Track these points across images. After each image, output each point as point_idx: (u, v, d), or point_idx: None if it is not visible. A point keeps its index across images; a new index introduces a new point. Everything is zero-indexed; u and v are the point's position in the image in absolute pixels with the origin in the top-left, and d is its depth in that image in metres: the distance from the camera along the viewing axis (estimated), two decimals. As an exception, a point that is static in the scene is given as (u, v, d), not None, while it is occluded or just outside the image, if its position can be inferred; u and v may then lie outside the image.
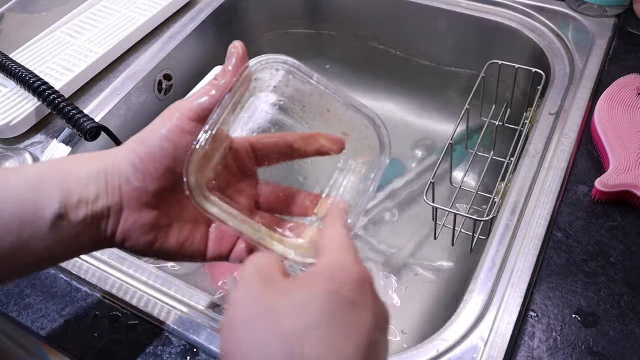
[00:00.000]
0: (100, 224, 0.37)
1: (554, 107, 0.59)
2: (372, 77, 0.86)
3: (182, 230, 0.39)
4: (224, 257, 0.41)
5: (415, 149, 0.77)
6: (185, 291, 0.48)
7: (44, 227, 0.35)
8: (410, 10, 0.77)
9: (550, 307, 0.45)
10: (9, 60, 0.64)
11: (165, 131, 0.36)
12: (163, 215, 0.38)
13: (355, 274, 0.30)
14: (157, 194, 0.37)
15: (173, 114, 0.37)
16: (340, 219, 0.36)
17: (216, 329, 0.45)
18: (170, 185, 0.37)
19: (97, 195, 0.36)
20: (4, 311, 0.48)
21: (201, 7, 0.78)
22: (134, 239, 0.38)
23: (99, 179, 0.36)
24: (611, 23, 0.67)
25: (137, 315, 0.47)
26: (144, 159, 0.36)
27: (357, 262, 0.31)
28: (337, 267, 0.31)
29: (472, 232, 0.57)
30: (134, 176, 0.36)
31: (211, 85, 0.37)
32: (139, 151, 0.36)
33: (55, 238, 0.35)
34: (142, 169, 0.36)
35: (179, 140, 0.36)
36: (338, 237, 0.34)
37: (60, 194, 0.35)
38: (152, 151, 0.36)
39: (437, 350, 0.43)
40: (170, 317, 0.46)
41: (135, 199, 0.37)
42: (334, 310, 0.28)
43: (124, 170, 0.36)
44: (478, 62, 0.75)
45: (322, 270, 0.31)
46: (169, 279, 0.49)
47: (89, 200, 0.36)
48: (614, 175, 0.51)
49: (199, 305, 0.47)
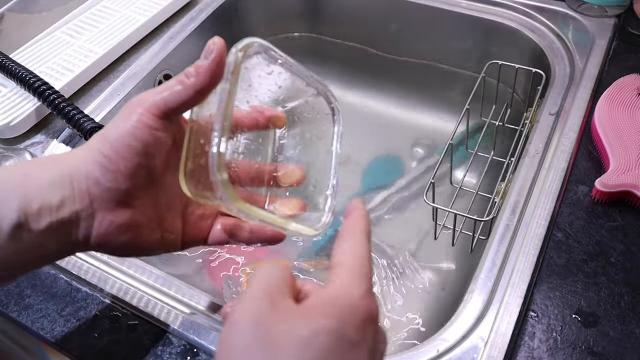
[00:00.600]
0: (70, 229, 0.35)
1: (554, 107, 0.59)
2: (372, 76, 0.86)
3: (159, 223, 0.38)
4: (202, 241, 0.40)
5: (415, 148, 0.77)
6: (185, 291, 0.48)
7: (2, 237, 0.33)
8: (410, 11, 0.77)
9: (550, 307, 0.45)
10: (9, 60, 0.64)
11: (130, 127, 0.35)
12: (138, 212, 0.37)
13: (362, 312, 0.29)
14: (130, 192, 0.36)
15: (135, 108, 0.35)
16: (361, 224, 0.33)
17: (216, 329, 0.45)
18: (142, 182, 0.36)
19: (61, 201, 0.34)
20: (4, 311, 0.48)
21: (201, 7, 0.78)
22: (111, 241, 0.36)
23: (62, 184, 0.35)
24: (611, 23, 0.67)
25: (137, 315, 0.47)
26: (112, 158, 0.35)
27: (367, 295, 0.30)
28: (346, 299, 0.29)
29: (472, 232, 0.57)
30: (104, 177, 0.35)
31: (177, 81, 0.35)
32: (105, 150, 0.35)
33: (16, 248, 0.34)
34: (112, 168, 0.35)
35: (144, 137, 0.35)
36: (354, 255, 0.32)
37: (19, 202, 0.33)
38: (119, 149, 0.35)
39: (437, 351, 0.43)
40: (170, 317, 0.46)
41: (108, 200, 0.35)
42: (335, 351, 0.27)
43: (91, 172, 0.35)
44: (478, 62, 0.75)
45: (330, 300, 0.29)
46: (169, 279, 0.49)
47: (52, 207, 0.34)
48: (614, 175, 0.51)
49: (199, 305, 0.47)
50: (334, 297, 0.29)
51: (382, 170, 0.75)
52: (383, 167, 0.75)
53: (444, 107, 0.81)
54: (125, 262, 0.50)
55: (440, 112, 0.81)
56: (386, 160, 0.76)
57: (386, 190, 0.72)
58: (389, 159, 0.76)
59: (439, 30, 0.77)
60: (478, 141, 0.63)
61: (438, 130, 0.79)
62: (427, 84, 0.83)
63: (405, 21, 0.79)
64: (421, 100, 0.82)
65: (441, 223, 0.61)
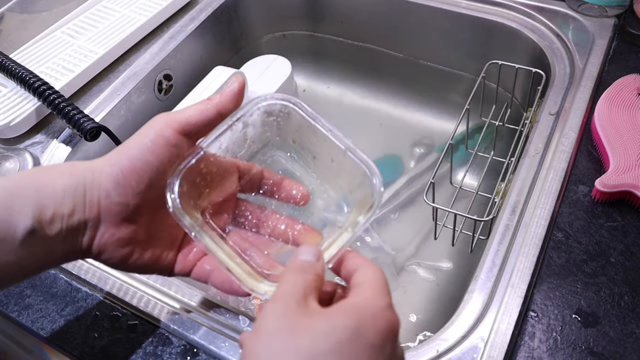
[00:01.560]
0: (77, 237, 0.36)
1: (554, 107, 0.59)
2: (371, 76, 0.86)
3: (158, 244, 0.39)
4: (187, 273, 0.40)
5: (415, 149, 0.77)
6: (185, 291, 0.48)
7: (15, 242, 0.34)
8: (410, 11, 0.77)
9: (550, 307, 0.45)
10: (9, 60, 0.64)
11: (149, 142, 0.36)
12: (141, 230, 0.37)
13: (384, 320, 0.30)
14: (137, 209, 0.36)
15: (156, 124, 0.36)
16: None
17: (215, 328, 0.46)
18: (150, 200, 0.37)
19: (73, 209, 0.35)
20: (4, 311, 0.48)
21: (201, 7, 0.78)
22: (109, 252, 0.37)
23: (76, 193, 0.35)
24: (611, 23, 0.67)
25: (137, 315, 0.47)
26: (126, 173, 0.35)
27: (389, 308, 0.31)
28: (368, 307, 0.31)
29: (472, 232, 0.57)
30: (115, 191, 0.35)
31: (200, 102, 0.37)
32: (122, 164, 0.36)
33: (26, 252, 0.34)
34: (123, 183, 0.35)
35: (162, 153, 0.36)
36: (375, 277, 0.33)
37: (33, 208, 0.34)
38: (135, 165, 0.35)
39: (436, 351, 0.43)
40: (170, 317, 0.46)
41: (115, 214, 0.36)
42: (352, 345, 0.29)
43: (104, 184, 0.35)
44: (478, 62, 0.75)
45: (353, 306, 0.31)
46: (169, 279, 0.49)
47: (64, 215, 0.35)
48: (614, 175, 0.51)
49: (199, 305, 0.47)
50: (357, 305, 0.31)
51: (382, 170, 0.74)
52: (383, 167, 0.75)
53: (444, 107, 0.81)
54: (125, 262, 0.50)
55: (440, 112, 0.81)
56: (386, 160, 0.76)
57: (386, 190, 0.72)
58: (389, 158, 0.76)
59: (439, 30, 0.77)
60: (478, 141, 0.63)
61: (438, 130, 0.79)
62: (427, 84, 0.83)
63: (405, 21, 0.79)
64: (421, 100, 0.82)
65: (441, 223, 0.61)
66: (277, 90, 0.76)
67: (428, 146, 0.77)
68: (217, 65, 0.72)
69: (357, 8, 0.82)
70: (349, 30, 0.85)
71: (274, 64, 0.79)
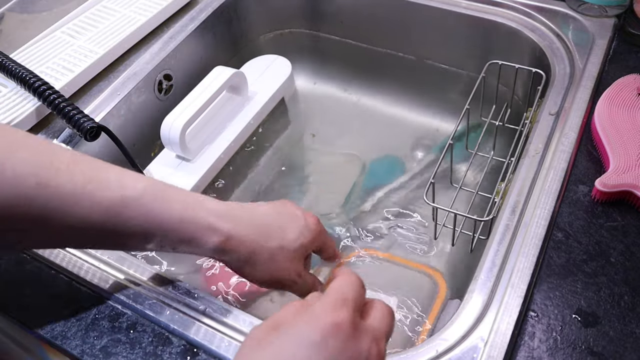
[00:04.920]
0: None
1: (554, 107, 0.59)
2: (371, 76, 0.86)
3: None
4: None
5: (415, 148, 0.77)
6: (185, 291, 0.48)
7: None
8: (410, 10, 0.77)
9: (550, 307, 0.45)
10: (9, 60, 0.64)
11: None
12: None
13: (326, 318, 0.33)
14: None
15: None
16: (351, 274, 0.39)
17: (215, 328, 0.46)
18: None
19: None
20: (4, 311, 0.48)
21: (201, 7, 0.78)
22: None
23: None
24: (611, 23, 0.67)
25: (137, 315, 0.47)
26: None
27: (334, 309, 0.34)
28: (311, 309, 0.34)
29: (472, 232, 0.57)
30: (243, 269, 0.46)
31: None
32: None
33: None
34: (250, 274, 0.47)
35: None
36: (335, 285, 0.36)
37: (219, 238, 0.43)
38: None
39: (436, 351, 0.43)
40: (171, 317, 0.46)
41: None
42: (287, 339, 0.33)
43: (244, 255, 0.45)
44: (478, 62, 0.75)
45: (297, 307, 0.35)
46: (169, 279, 0.49)
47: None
48: (614, 175, 0.51)
49: (199, 305, 0.47)
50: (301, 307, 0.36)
51: (382, 169, 0.75)
52: (383, 167, 0.75)
53: (444, 106, 0.81)
54: (126, 262, 0.50)
55: (440, 111, 0.81)
56: (386, 160, 0.76)
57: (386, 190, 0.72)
58: (389, 158, 0.76)
59: (439, 30, 0.77)
60: (478, 141, 0.63)
61: (438, 130, 0.79)
62: (427, 84, 0.83)
63: (405, 21, 0.79)
64: (421, 100, 0.82)
65: (441, 223, 0.61)
66: (277, 90, 0.76)
67: (428, 146, 0.77)
68: (217, 65, 0.72)
69: (357, 8, 0.82)
70: (349, 30, 0.85)
71: (274, 64, 0.79)
